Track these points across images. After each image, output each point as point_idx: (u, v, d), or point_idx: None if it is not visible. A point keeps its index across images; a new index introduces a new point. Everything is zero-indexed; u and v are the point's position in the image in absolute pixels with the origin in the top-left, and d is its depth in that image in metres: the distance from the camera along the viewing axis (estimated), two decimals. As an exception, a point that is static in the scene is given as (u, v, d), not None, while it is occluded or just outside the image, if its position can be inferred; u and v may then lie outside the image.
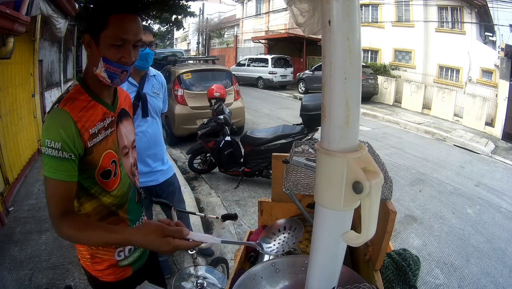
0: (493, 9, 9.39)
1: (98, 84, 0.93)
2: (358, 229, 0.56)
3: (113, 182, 0.99)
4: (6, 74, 3.48)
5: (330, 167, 0.54)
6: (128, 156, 1.08)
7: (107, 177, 0.96)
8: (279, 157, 1.25)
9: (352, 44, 0.50)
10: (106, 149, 0.95)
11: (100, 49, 0.88)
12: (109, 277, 1.06)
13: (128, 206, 1.06)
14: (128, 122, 1.10)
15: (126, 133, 1.06)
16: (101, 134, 0.93)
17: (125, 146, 1.06)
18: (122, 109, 1.06)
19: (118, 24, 0.86)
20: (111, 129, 0.98)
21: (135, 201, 1.11)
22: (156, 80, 1.99)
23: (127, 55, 0.89)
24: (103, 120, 0.94)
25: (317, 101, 3.61)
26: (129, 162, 1.08)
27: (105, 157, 0.94)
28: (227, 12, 26.11)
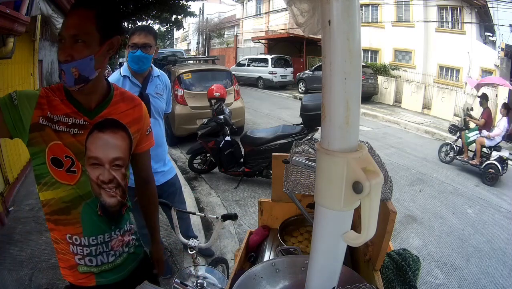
0: (493, 9, 9.39)
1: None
2: (358, 229, 0.56)
3: (68, 176, 0.94)
4: (6, 74, 3.48)
5: (330, 167, 0.54)
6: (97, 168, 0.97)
7: (58, 166, 0.93)
8: (279, 157, 1.25)
9: (352, 44, 0.50)
10: (59, 140, 0.91)
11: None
12: (70, 278, 1.04)
13: (82, 213, 0.97)
14: (115, 137, 0.99)
15: (104, 146, 0.97)
16: (59, 126, 0.91)
17: (95, 157, 0.96)
18: (110, 120, 0.97)
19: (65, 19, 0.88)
20: (78, 131, 0.93)
21: (96, 214, 0.99)
22: (160, 80, 1.97)
23: (61, 51, 0.86)
24: (67, 116, 0.92)
25: (317, 101, 3.61)
26: (96, 174, 0.97)
27: (56, 146, 0.92)
28: (227, 12, 26.10)
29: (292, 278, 0.86)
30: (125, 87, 1.83)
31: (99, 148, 0.96)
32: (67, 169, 0.94)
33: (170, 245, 2.70)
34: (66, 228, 0.98)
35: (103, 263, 1.04)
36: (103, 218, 1.02)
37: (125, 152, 1.02)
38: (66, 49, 0.85)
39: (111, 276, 1.07)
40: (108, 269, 1.06)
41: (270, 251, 1.19)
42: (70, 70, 0.86)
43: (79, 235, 0.99)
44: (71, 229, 0.98)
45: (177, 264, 2.47)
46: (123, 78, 1.84)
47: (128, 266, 1.13)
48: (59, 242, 1.00)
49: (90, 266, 1.02)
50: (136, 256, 1.16)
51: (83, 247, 1.00)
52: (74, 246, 0.99)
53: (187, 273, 1.54)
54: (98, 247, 1.02)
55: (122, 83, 1.83)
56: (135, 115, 1.04)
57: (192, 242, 1.48)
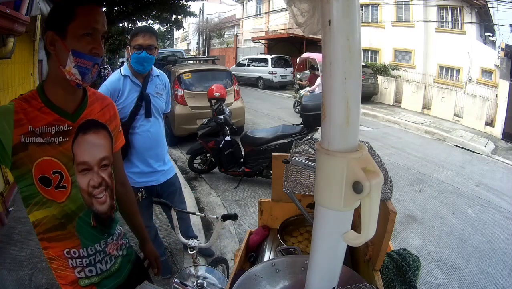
0: (493, 9, 9.39)
1: (57, 89, 0.89)
2: (358, 229, 0.56)
3: (58, 193, 0.90)
4: (6, 74, 3.48)
5: (330, 167, 0.54)
6: (87, 173, 0.95)
7: (47, 185, 0.88)
8: (279, 157, 1.25)
9: (352, 44, 0.50)
10: (46, 155, 0.87)
11: (67, 43, 0.83)
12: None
13: (77, 228, 0.95)
14: (98, 137, 0.97)
15: (89, 148, 0.95)
16: (43, 138, 0.86)
17: (85, 162, 0.94)
18: (90, 121, 0.95)
19: (87, 13, 0.84)
20: (62, 138, 0.89)
21: (90, 226, 0.98)
22: (159, 80, 1.98)
23: (98, 46, 0.85)
24: (51, 126, 0.87)
25: (317, 101, 3.61)
26: (86, 180, 0.95)
27: (43, 162, 0.86)
28: (227, 12, 26.09)
29: (292, 278, 0.86)
30: (126, 87, 1.84)
31: (86, 151, 0.94)
32: (56, 185, 0.90)
33: (170, 245, 2.70)
34: (63, 243, 0.95)
35: (103, 271, 1.03)
36: (97, 228, 1.01)
37: (109, 150, 1.02)
38: (100, 42, 0.86)
39: (111, 282, 1.06)
40: (107, 276, 1.05)
41: (270, 251, 1.19)
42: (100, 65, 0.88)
43: (77, 247, 0.97)
44: (68, 243, 0.96)
45: (177, 264, 2.47)
46: (123, 77, 1.85)
47: (124, 269, 1.12)
48: (55, 259, 0.97)
49: (91, 276, 1.01)
50: (129, 257, 1.17)
51: (82, 258, 0.98)
52: (72, 259, 0.97)
53: (187, 273, 1.54)
54: (96, 256, 1.01)
55: (123, 82, 1.84)
56: (110, 113, 1.05)
57: (192, 242, 1.48)
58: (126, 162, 1.94)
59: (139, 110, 1.87)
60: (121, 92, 1.82)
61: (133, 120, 1.87)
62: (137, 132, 1.89)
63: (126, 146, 1.90)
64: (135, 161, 1.93)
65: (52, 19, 0.84)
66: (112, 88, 1.81)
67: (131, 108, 1.84)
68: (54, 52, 0.85)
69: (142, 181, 1.98)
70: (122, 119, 1.84)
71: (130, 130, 1.88)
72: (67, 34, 0.83)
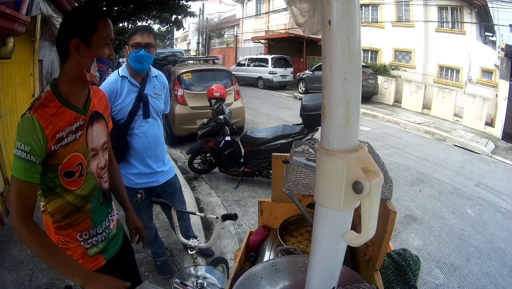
0: (493, 9, 9.39)
1: (72, 88, 0.99)
2: (358, 229, 0.56)
3: (77, 182, 1.03)
4: (6, 74, 3.48)
5: (330, 167, 0.54)
6: (96, 157, 1.11)
7: (70, 176, 1.01)
8: (279, 157, 1.25)
9: (352, 44, 0.50)
10: (72, 152, 0.99)
11: (92, 51, 0.95)
12: None
13: (91, 206, 1.09)
14: (100, 125, 1.13)
15: (96, 136, 1.10)
16: (68, 138, 0.98)
17: (94, 148, 1.10)
18: (94, 112, 1.09)
19: (105, 26, 0.97)
20: (80, 132, 1.02)
21: (100, 202, 1.14)
22: (158, 81, 1.97)
23: (112, 53, 1.00)
24: (72, 125, 0.99)
25: (317, 101, 3.61)
26: (96, 163, 1.11)
27: (70, 159, 0.99)
28: (227, 12, 26.09)
29: (292, 278, 0.86)
30: (124, 88, 1.83)
31: (94, 139, 1.09)
32: (78, 175, 1.03)
33: (170, 245, 2.70)
34: (77, 227, 1.07)
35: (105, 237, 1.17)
36: (103, 204, 1.16)
37: (107, 135, 1.19)
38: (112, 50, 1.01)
39: (113, 246, 1.20)
40: (109, 240, 1.18)
41: (270, 251, 1.19)
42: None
43: (89, 229, 1.10)
44: (81, 226, 1.08)
45: (177, 264, 2.47)
46: (121, 78, 1.84)
47: (119, 234, 1.27)
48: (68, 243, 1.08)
49: (96, 244, 1.13)
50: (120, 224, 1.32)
51: (93, 237, 1.12)
52: (84, 241, 1.10)
53: (187, 273, 1.54)
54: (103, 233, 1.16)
55: (120, 83, 1.83)
56: (104, 103, 1.18)
57: (192, 242, 1.48)
58: (125, 163, 1.93)
59: (137, 111, 1.85)
60: (119, 93, 1.81)
61: (131, 121, 1.85)
62: (135, 133, 1.88)
63: (125, 147, 1.89)
64: (134, 162, 1.92)
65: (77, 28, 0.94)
66: (110, 89, 1.80)
67: (129, 109, 1.83)
68: (78, 57, 0.95)
69: (142, 182, 1.97)
70: (120, 121, 1.84)
71: (129, 132, 1.87)
72: (91, 43, 0.95)
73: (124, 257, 1.28)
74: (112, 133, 1.85)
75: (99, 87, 1.80)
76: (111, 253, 1.19)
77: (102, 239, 1.15)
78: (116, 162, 1.38)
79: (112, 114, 1.83)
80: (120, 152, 1.89)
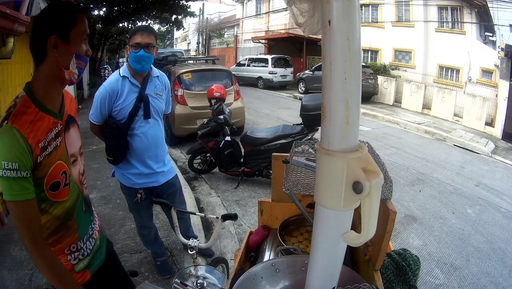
0: (493, 9, 9.39)
1: (48, 91, 0.93)
2: (358, 229, 0.56)
3: (63, 192, 0.97)
4: (6, 74, 3.48)
5: (330, 167, 0.54)
6: (76, 163, 1.06)
7: (56, 188, 0.94)
8: (279, 157, 1.25)
9: (352, 44, 0.50)
10: (56, 160, 0.93)
11: (71, 47, 0.91)
12: None
13: (76, 216, 1.04)
14: (74, 129, 1.08)
15: (73, 141, 1.05)
16: (50, 146, 0.92)
17: (73, 153, 1.05)
18: (68, 116, 1.04)
19: (82, 21, 0.93)
20: (60, 138, 0.97)
21: (83, 211, 1.09)
22: (159, 81, 1.97)
23: (89, 48, 0.97)
24: (51, 131, 0.93)
25: (317, 101, 3.61)
26: (77, 170, 1.06)
27: (55, 169, 0.93)
28: (227, 12, 26.08)
29: (292, 278, 0.86)
30: (125, 88, 1.83)
31: (72, 144, 1.04)
32: (63, 185, 0.97)
33: (170, 245, 2.70)
34: (65, 242, 1.02)
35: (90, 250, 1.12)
36: (87, 213, 1.12)
37: (81, 139, 1.13)
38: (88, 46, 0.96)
39: (97, 260, 1.15)
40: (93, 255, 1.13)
41: (270, 251, 1.19)
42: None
43: (76, 241, 1.05)
44: (69, 241, 1.03)
45: (177, 264, 2.47)
46: (122, 78, 1.84)
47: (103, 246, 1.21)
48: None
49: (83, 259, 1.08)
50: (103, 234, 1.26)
51: (80, 250, 1.06)
52: (71, 254, 1.04)
53: (187, 273, 1.55)
54: (87, 243, 1.10)
55: (121, 83, 1.82)
56: (74, 106, 1.13)
57: (192, 242, 1.48)
58: (125, 163, 1.93)
59: (138, 111, 1.85)
60: (119, 93, 1.81)
61: (131, 121, 1.85)
62: (135, 133, 1.88)
63: (125, 147, 1.89)
64: (134, 162, 1.92)
65: (55, 25, 0.89)
66: (110, 90, 1.80)
67: (129, 109, 1.83)
68: (56, 55, 0.90)
69: (142, 182, 1.97)
70: (121, 121, 1.84)
71: (129, 132, 1.87)
72: (70, 39, 0.91)
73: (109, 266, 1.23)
74: (113, 134, 1.86)
75: (100, 91, 1.82)
76: (96, 266, 1.14)
77: (88, 253, 1.10)
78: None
79: (112, 114, 1.84)
80: (120, 152, 1.88)
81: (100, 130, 1.91)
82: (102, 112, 1.82)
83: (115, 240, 2.64)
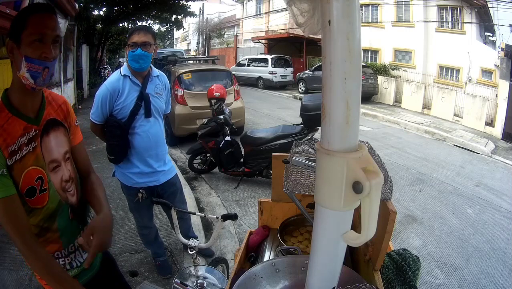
0: (493, 9, 9.39)
1: (21, 96, 0.92)
2: (358, 229, 0.56)
3: (41, 198, 0.95)
4: (7, 74, 3.49)
5: (330, 167, 0.54)
6: (58, 170, 1.01)
7: (32, 194, 0.93)
8: (279, 157, 1.25)
9: (352, 44, 0.50)
10: (28, 166, 0.92)
11: (21, 50, 0.88)
12: None
13: (59, 225, 1.01)
14: (58, 133, 1.03)
15: (55, 146, 1.01)
16: (21, 151, 0.90)
17: (54, 159, 1.00)
18: (50, 120, 1.00)
19: (37, 21, 0.88)
20: (34, 143, 0.94)
21: (69, 219, 1.05)
22: (159, 80, 1.98)
23: (47, 50, 0.89)
24: (23, 136, 0.91)
25: (317, 101, 3.61)
26: (59, 176, 1.02)
27: (27, 175, 0.91)
28: (227, 12, 26.09)
29: (292, 278, 0.86)
30: (126, 87, 1.84)
31: (52, 149, 1.00)
32: (39, 191, 0.94)
33: (170, 245, 2.70)
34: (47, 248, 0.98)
35: (81, 263, 1.08)
36: (74, 221, 1.07)
37: (68, 145, 1.08)
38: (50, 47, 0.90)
39: (87, 273, 1.11)
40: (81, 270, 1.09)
41: (270, 251, 1.19)
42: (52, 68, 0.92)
43: (59, 249, 1.03)
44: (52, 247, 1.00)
45: (177, 264, 2.47)
46: (123, 77, 1.85)
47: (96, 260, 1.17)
48: None
49: (70, 269, 1.06)
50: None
51: (65, 258, 1.04)
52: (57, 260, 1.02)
53: (187, 273, 1.55)
54: (76, 252, 1.08)
55: (122, 82, 1.84)
56: (65, 110, 1.09)
57: (192, 242, 1.48)
58: (126, 162, 1.94)
59: (138, 110, 1.87)
60: (120, 92, 1.83)
61: (132, 120, 1.87)
62: (136, 132, 1.89)
63: (126, 146, 1.90)
64: (135, 161, 1.93)
65: (10, 29, 0.88)
66: (111, 88, 1.81)
67: (130, 108, 1.84)
68: (13, 59, 0.90)
69: (142, 181, 1.98)
70: (122, 120, 1.84)
71: (130, 131, 1.88)
72: (21, 42, 0.87)
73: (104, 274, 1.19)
74: (114, 133, 1.87)
75: (101, 90, 1.82)
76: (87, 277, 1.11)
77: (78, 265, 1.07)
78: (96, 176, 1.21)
79: (113, 113, 1.84)
80: (121, 151, 1.90)
81: (101, 130, 1.92)
82: (103, 112, 1.83)
83: (115, 240, 2.64)
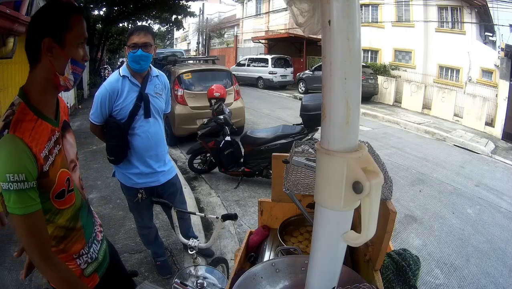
0: (493, 9, 9.39)
1: (44, 97, 0.89)
2: (358, 229, 0.56)
3: (68, 199, 0.95)
4: (7, 74, 3.49)
5: (330, 167, 0.54)
6: (76, 169, 1.04)
7: (61, 197, 0.92)
8: (279, 157, 1.25)
9: (352, 44, 0.50)
10: (59, 169, 0.90)
11: (66, 51, 0.85)
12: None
13: (82, 221, 1.02)
14: (70, 135, 1.04)
15: (70, 146, 1.02)
16: (52, 155, 0.88)
17: (72, 159, 1.01)
18: (64, 122, 1.00)
19: (80, 24, 0.88)
20: (58, 146, 0.93)
21: (87, 215, 1.08)
22: (159, 80, 1.98)
23: (86, 54, 0.91)
24: (50, 139, 0.89)
25: (317, 101, 3.61)
26: (77, 175, 1.04)
27: (59, 177, 0.90)
28: (227, 12, 26.08)
29: (292, 278, 0.86)
30: (125, 87, 1.83)
31: (69, 150, 1.01)
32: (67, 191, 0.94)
33: (170, 245, 2.70)
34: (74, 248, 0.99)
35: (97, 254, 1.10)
36: (89, 216, 1.10)
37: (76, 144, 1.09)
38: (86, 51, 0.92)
39: (105, 262, 1.15)
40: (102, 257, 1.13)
41: (270, 251, 1.19)
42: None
43: (83, 246, 1.03)
44: (77, 246, 1.01)
45: (177, 264, 2.47)
46: (122, 78, 1.85)
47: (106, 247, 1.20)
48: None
49: (91, 262, 1.07)
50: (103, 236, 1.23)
51: (87, 254, 1.05)
52: (80, 258, 1.02)
53: (187, 273, 1.54)
54: (93, 245, 1.09)
55: (121, 83, 1.83)
56: (66, 110, 1.09)
57: (192, 242, 1.48)
58: (126, 162, 1.93)
59: (138, 110, 1.86)
60: (120, 92, 1.82)
61: (132, 120, 1.86)
62: (136, 133, 1.88)
63: (126, 147, 1.89)
64: (135, 162, 1.93)
65: (49, 26, 0.84)
66: (111, 89, 1.81)
67: (130, 108, 1.84)
68: (51, 59, 0.85)
69: (142, 182, 1.97)
70: (121, 120, 1.84)
71: (130, 131, 1.87)
72: (65, 42, 0.85)
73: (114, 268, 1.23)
74: (113, 133, 1.87)
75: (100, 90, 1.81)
76: (103, 270, 1.13)
77: (96, 256, 1.09)
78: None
79: (113, 114, 1.84)
80: (121, 151, 1.89)
81: (100, 131, 1.91)
82: (102, 112, 1.83)
83: (115, 240, 2.64)
